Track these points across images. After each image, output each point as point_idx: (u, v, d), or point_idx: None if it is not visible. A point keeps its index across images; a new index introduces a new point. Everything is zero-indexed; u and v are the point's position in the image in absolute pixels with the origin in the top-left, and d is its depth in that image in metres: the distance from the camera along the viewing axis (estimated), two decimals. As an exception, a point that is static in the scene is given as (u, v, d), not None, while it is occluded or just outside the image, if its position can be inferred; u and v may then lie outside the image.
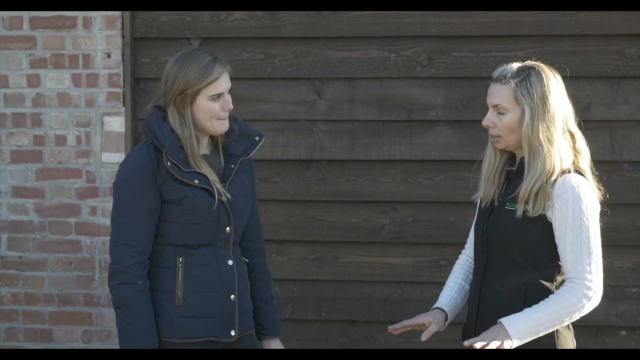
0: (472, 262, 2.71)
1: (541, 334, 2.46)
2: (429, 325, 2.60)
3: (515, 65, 2.54)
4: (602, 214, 2.56)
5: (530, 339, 2.45)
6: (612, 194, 3.71)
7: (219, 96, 2.66)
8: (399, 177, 3.87)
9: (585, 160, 2.57)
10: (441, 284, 3.30)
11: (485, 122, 2.55)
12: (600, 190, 2.57)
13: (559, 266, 2.52)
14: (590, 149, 3.69)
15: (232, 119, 2.78)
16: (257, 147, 2.81)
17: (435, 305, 2.68)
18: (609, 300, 3.77)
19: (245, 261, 2.82)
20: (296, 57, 3.88)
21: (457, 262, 2.78)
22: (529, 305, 2.47)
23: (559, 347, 2.52)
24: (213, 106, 2.66)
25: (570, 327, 2.57)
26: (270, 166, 3.90)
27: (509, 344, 2.42)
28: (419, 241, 3.86)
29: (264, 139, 2.83)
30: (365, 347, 3.90)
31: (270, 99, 3.91)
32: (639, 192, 3.78)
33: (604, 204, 3.72)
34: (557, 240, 2.49)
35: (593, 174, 2.57)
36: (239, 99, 3.88)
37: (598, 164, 3.69)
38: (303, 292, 3.94)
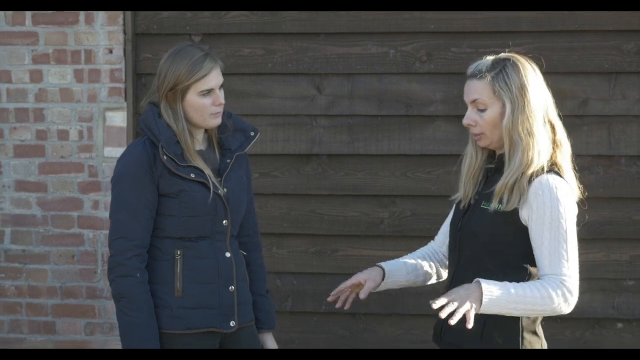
0: (435, 251, 2.66)
1: (507, 312, 2.32)
2: (364, 282, 2.51)
3: (490, 58, 2.43)
4: (580, 214, 2.46)
5: (497, 313, 2.32)
6: (609, 188, 3.79)
7: (209, 92, 2.65)
8: (398, 171, 3.87)
9: (565, 154, 2.43)
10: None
11: (465, 121, 2.43)
12: (579, 187, 2.45)
13: (529, 272, 2.39)
14: (587, 143, 3.79)
15: (227, 114, 2.79)
16: (252, 142, 2.81)
17: (376, 264, 2.61)
18: (606, 293, 3.83)
19: (242, 254, 2.81)
20: (296, 52, 3.88)
21: (422, 247, 2.71)
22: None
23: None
24: (203, 101, 2.65)
25: (539, 332, 2.45)
26: (270, 160, 3.89)
27: (476, 310, 2.28)
28: (418, 235, 3.81)
29: (259, 134, 2.82)
30: (365, 339, 3.91)
31: (270, 94, 3.91)
32: (635, 186, 3.77)
33: (594, 198, 3.73)
34: (533, 243, 2.36)
35: (574, 169, 2.46)
36: (239, 94, 3.94)
37: (595, 158, 3.77)
38: (303, 285, 3.94)
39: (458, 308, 2.24)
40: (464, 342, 2.43)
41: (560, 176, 2.38)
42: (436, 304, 2.25)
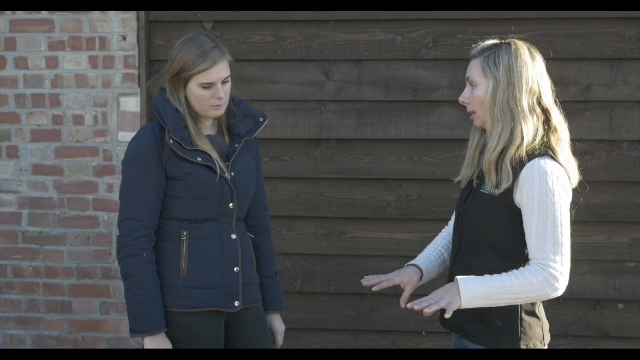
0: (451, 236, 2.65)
1: (494, 304, 2.33)
2: (404, 287, 2.52)
3: (492, 41, 2.45)
4: (577, 198, 2.46)
5: (482, 306, 2.34)
6: (611, 172, 3.77)
7: (210, 85, 2.64)
8: (404, 155, 3.85)
9: (560, 138, 2.40)
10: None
11: (461, 99, 2.46)
12: (579, 171, 2.44)
13: (526, 256, 2.39)
14: (590, 128, 3.74)
15: (237, 101, 2.79)
16: (261, 128, 2.81)
17: (411, 262, 2.61)
18: (607, 275, 3.81)
19: (251, 237, 2.82)
20: (305, 39, 3.86)
21: (440, 234, 2.71)
22: None
23: (522, 335, 2.40)
24: (203, 93, 2.65)
25: (540, 313, 2.44)
26: (280, 145, 3.88)
27: (457, 305, 2.31)
28: (424, 217, 3.84)
29: (267, 120, 2.82)
30: (372, 319, 3.91)
31: (280, 80, 3.89)
32: (636, 170, 3.75)
33: (596, 182, 3.73)
34: (525, 227, 2.35)
35: (573, 154, 2.44)
36: (250, 80, 3.90)
37: (598, 143, 3.76)
38: (312, 266, 3.93)
39: (435, 304, 2.28)
40: (464, 325, 2.45)
41: (555, 160, 2.36)
42: (410, 305, 2.29)
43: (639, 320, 3.79)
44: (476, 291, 2.31)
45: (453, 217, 2.65)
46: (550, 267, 2.31)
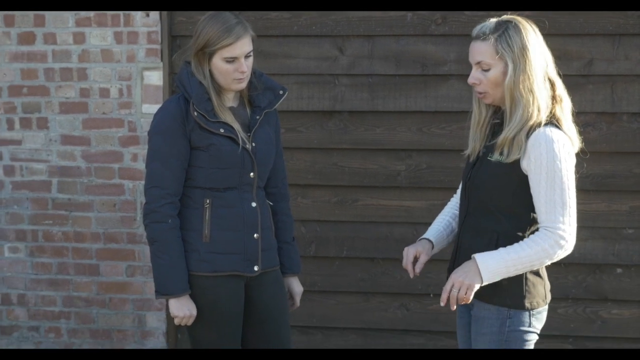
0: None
1: (511, 275, 2.39)
2: (419, 256, 2.58)
3: (493, 20, 2.43)
4: (579, 164, 2.47)
5: (501, 278, 2.39)
6: (611, 143, 3.75)
7: (233, 59, 2.65)
8: (414, 127, 3.86)
9: (564, 108, 2.45)
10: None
11: (470, 80, 2.45)
12: (580, 138, 2.47)
13: (532, 218, 2.43)
14: (592, 101, 3.72)
15: (258, 74, 2.80)
16: (280, 100, 2.82)
17: (422, 237, 2.66)
18: (607, 241, 3.82)
19: (269, 204, 2.85)
20: (320, 16, 3.86)
21: (448, 203, 2.74)
22: None
23: (527, 294, 2.44)
24: (227, 67, 2.66)
25: (543, 273, 2.49)
26: (295, 116, 3.89)
27: (478, 284, 2.36)
28: (432, 186, 3.85)
29: (287, 92, 2.84)
30: (383, 282, 3.93)
31: (296, 55, 3.89)
32: (636, 141, 3.75)
33: (597, 153, 3.69)
34: (532, 192, 2.39)
35: (575, 122, 2.48)
36: (267, 55, 3.86)
37: (599, 115, 3.73)
38: (326, 232, 3.96)
39: (458, 294, 2.35)
40: None
41: (559, 128, 2.40)
42: (442, 302, 2.38)
43: (636, 284, 3.83)
44: (494, 267, 2.36)
45: (460, 186, 2.67)
46: (559, 229, 2.36)
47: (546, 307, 2.51)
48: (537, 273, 2.48)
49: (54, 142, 4.09)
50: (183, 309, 2.69)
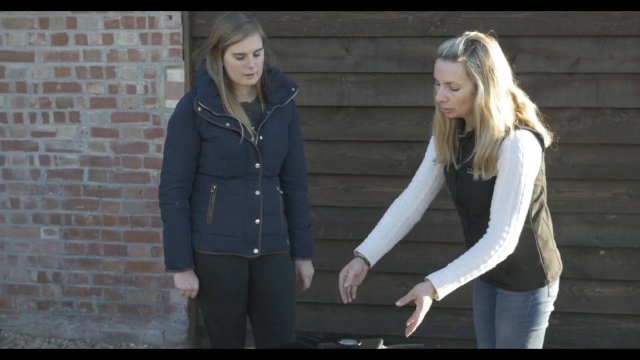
0: (407, 205, 2.69)
1: (462, 283, 2.42)
2: (358, 279, 2.58)
3: (459, 40, 2.39)
4: (553, 153, 2.45)
5: (455, 289, 2.41)
6: (596, 136, 3.84)
7: (242, 55, 2.72)
8: (414, 120, 3.92)
9: (529, 111, 2.45)
10: (447, 211, 3.47)
11: (439, 98, 2.41)
12: (549, 134, 2.48)
13: (533, 206, 2.46)
14: (577, 97, 3.79)
15: (274, 71, 2.90)
16: (292, 97, 2.89)
17: (359, 252, 2.66)
18: (591, 225, 3.92)
19: (280, 193, 2.93)
20: (328, 18, 3.92)
21: (396, 201, 2.71)
22: None
23: (547, 271, 2.50)
24: (236, 63, 2.74)
25: (552, 244, 2.53)
26: (306, 111, 3.92)
27: (431, 300, 2.39)
28: None
29: (299, 89, 2.92)
30: (385, 262, 3.80)
31: (306, 55, 3.96)
32: (618, 133, 3.82)
33: (583, 144, 3.73)
34: (494, 188, 2.41)
35: (540, 120, 2.47)
36: (279, 54, 3.73)
37: (584, 110, 3.82)
38: (333, 217, 4.04)
39: (417, 321, 2.40)
40: (494, 276, 2.53)
41: (529, 129, 2.43)
42: (408, 331, 2.41)
43: (618, 264, 3.92)
44: (448, 282, 2.39)
45: (415, 182, 2.68)
46: (503, 230, 2.39)
47: (560, 272, 2.60)
48: (547, 247, 2.52)
49: (85, 134, 4.19)
50: (185, 283, 2.84)
